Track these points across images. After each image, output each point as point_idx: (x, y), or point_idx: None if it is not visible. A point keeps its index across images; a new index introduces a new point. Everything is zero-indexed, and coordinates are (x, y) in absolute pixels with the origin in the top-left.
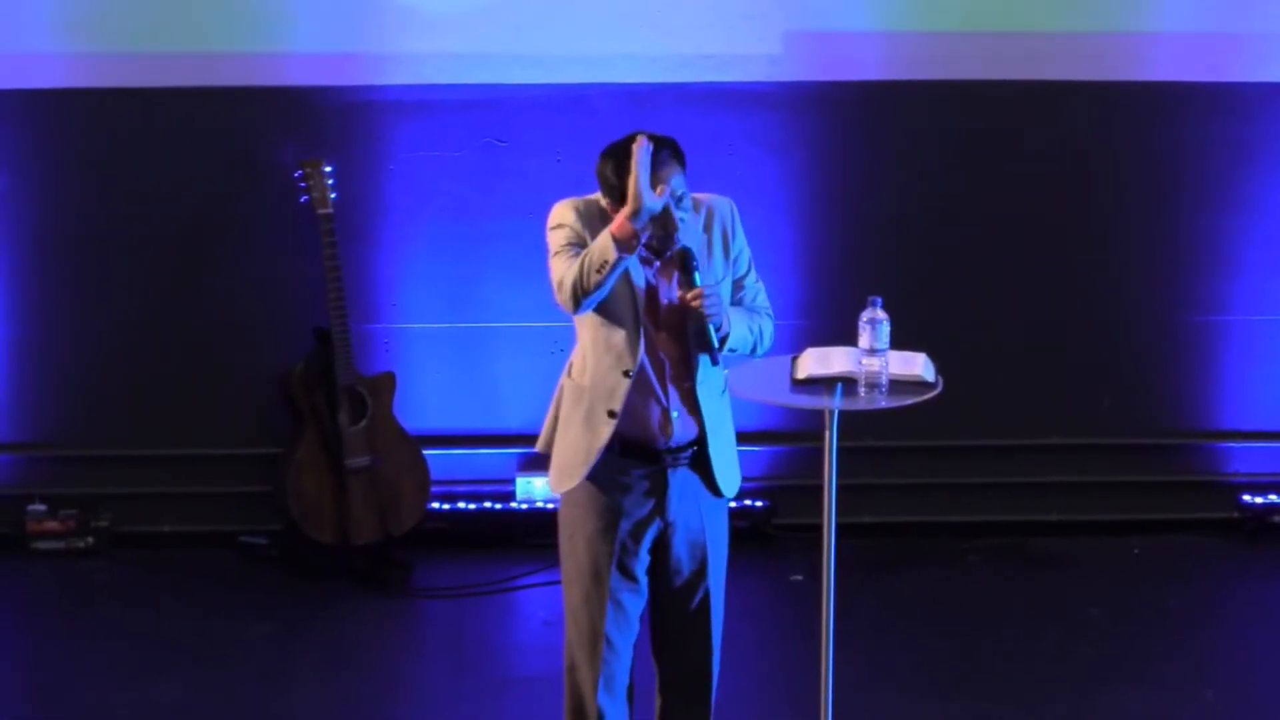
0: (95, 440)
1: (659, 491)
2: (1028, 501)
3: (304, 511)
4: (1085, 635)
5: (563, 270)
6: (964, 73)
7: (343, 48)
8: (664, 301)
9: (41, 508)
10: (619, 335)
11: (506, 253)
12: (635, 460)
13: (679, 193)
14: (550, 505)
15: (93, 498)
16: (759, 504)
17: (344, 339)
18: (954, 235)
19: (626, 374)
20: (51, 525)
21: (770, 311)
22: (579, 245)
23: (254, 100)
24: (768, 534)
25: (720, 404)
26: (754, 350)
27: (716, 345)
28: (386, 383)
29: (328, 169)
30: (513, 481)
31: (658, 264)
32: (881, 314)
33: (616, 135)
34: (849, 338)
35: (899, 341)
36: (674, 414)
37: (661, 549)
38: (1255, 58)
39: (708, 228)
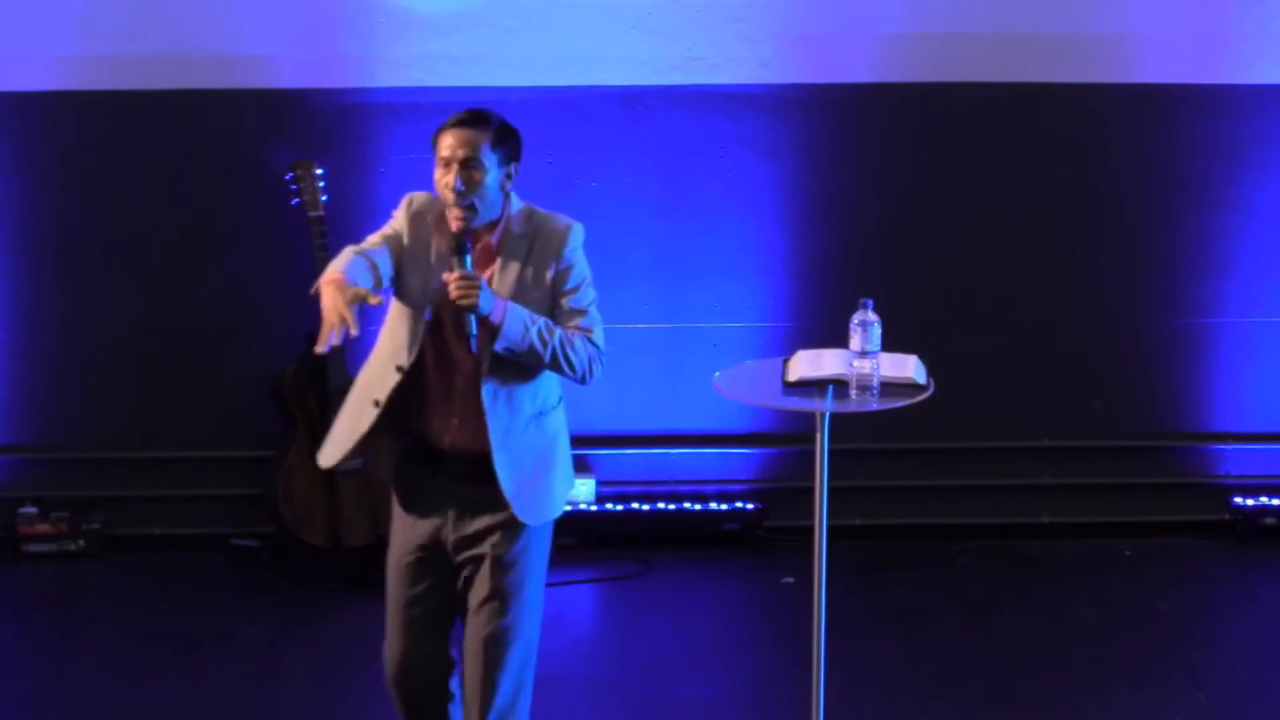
0: (87, 443)
1: (447, 499)
2: (1019, 503)
3: (295, 514)
4: (1076, 637)
5: (351, 251)
6: (954, 75)
7: (334, 50)
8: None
9: (33, 510)
10: (404, 329)
11: None
12: (426, 464)
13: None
14: None
15: (84, 500)
16: (750, 506)
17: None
18: (945, 238)
19: (399, 369)
20: (43, 528)
21: (597, 340)
22: (390, 235)
23: (245, 102)
24: (759, 536)
25: (525, 423)
26: (557, 365)
27: (473, 332)
28: None
29: (319, 171)
30: None
31: (445, 275)
32: (873, 316)
33: (608, 137)
34: (839, 340)
35: (890, 344)
36: (454, 421)
37: (455, 560)
38: (1245, 59)
39: (531, 244)
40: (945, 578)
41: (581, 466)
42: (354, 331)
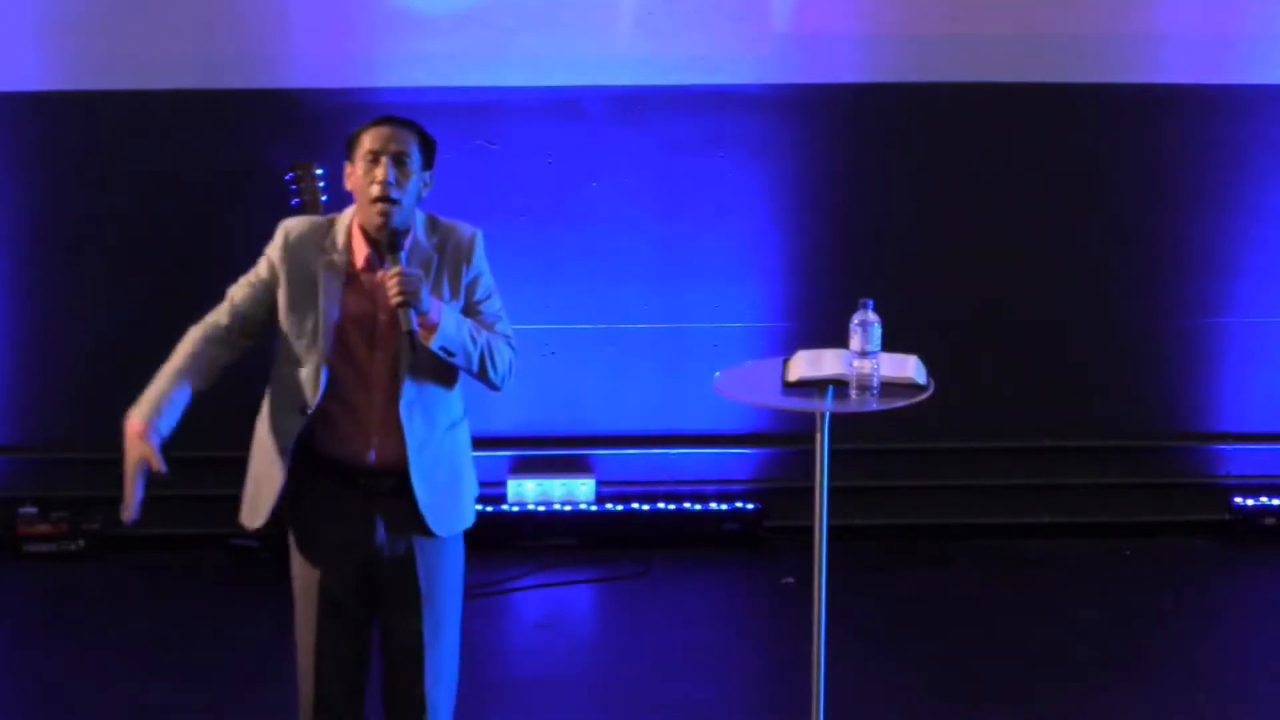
0: (86, 443)
1: (361, 518)
2: (1019, 504)
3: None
4: (1076, 637)
5: (221, 306)
6: (954, 75)
7: (335, 50)
8: (381, 318)
9: (33, 510)
10: (300, 370)
11: (496, 255)
12: (338, 482)
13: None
14: (542, 508)
15: (84, 500)
16: (750, 506)
17: None
18: (945, 237)
19: (303, 411)
20: (43, 528)
21: (513, 343)
22: (256, 285)
23: (245, 102)
24: (759, 536)
25: (439, 433)
26: (484, 368)
27: (414, 328)
28: None
29: (319, 171)
30: (504, 484)
31: (381, 273)
32: (873, 316)
33: (607, 138)
34: (837, 339)
35: (890, 344)
36: (374, 438)
37: (372, 582)
38: (1252, 59)
39: (440, 252)
40: (945, 578)
41: (581, 466)
42: (129, 503)
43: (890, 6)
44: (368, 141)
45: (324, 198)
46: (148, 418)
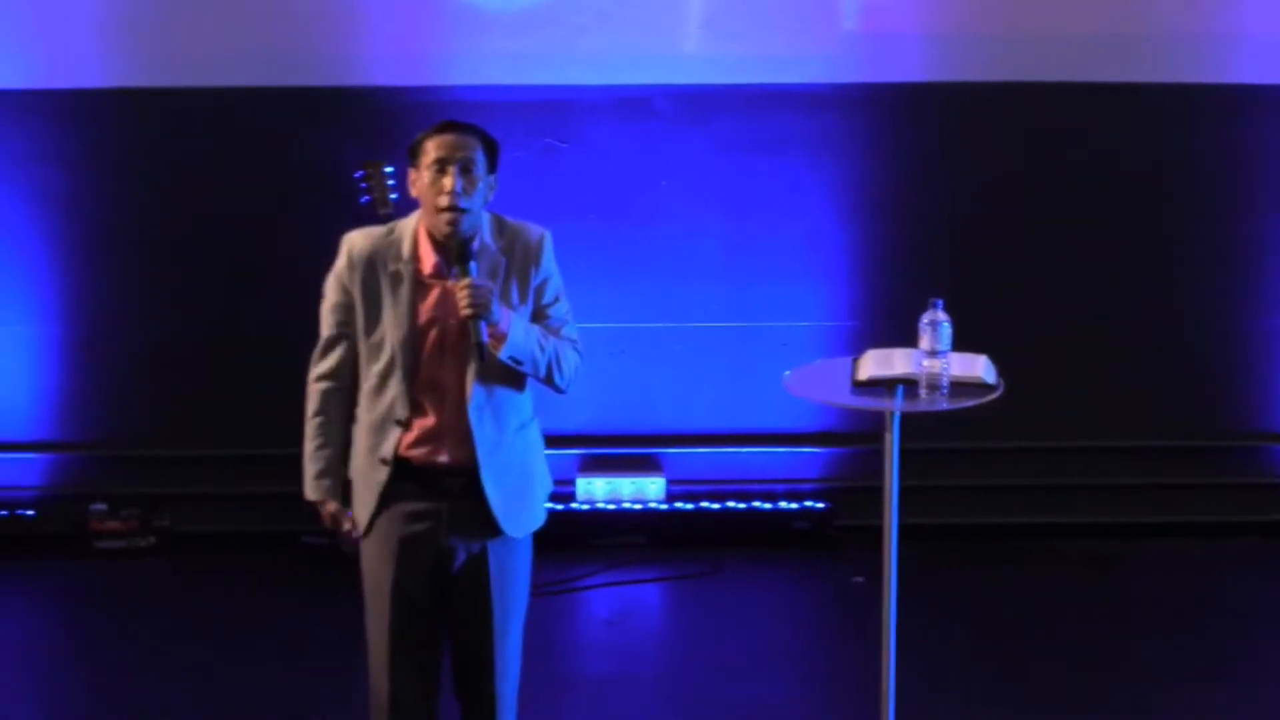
0: (157, 440)
1: (434, 518)
2: (1089, 503)
3: None
4: (1147, 638)
5: (316, 360)
6: (1023, 74)
7: (404, 47)
8: (450, 323)
9: (103, 507)
10: (389, 384)
11: (564, 254)
12: (409, 481)
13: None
14: (612, 506)
15: (154, 497)
16: (819, 505)
17: None
18: (1015, 237)
19: (399, 423)
20: (113, 525)
21: (579, 347)
22: (337, 312)
23: (315, 100)
24: (828, 536)
25: (509, 435)
26: (550, 375)
27: (484, 340)
28: None
29: (388, 170)
30: (573, 482)
31: (453, 278)
32: (942, 315)
33: (676, 137)
34: (904, 339)
35: (960, 343)
36: (446, 442)
37: (445, 580)
38: None
39: (508, 254)
40: (1015, 578)
41: (651, 465)
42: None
43: (957, 5)
44: (433, 149)
45: (393, 196)
46: (328, 495)
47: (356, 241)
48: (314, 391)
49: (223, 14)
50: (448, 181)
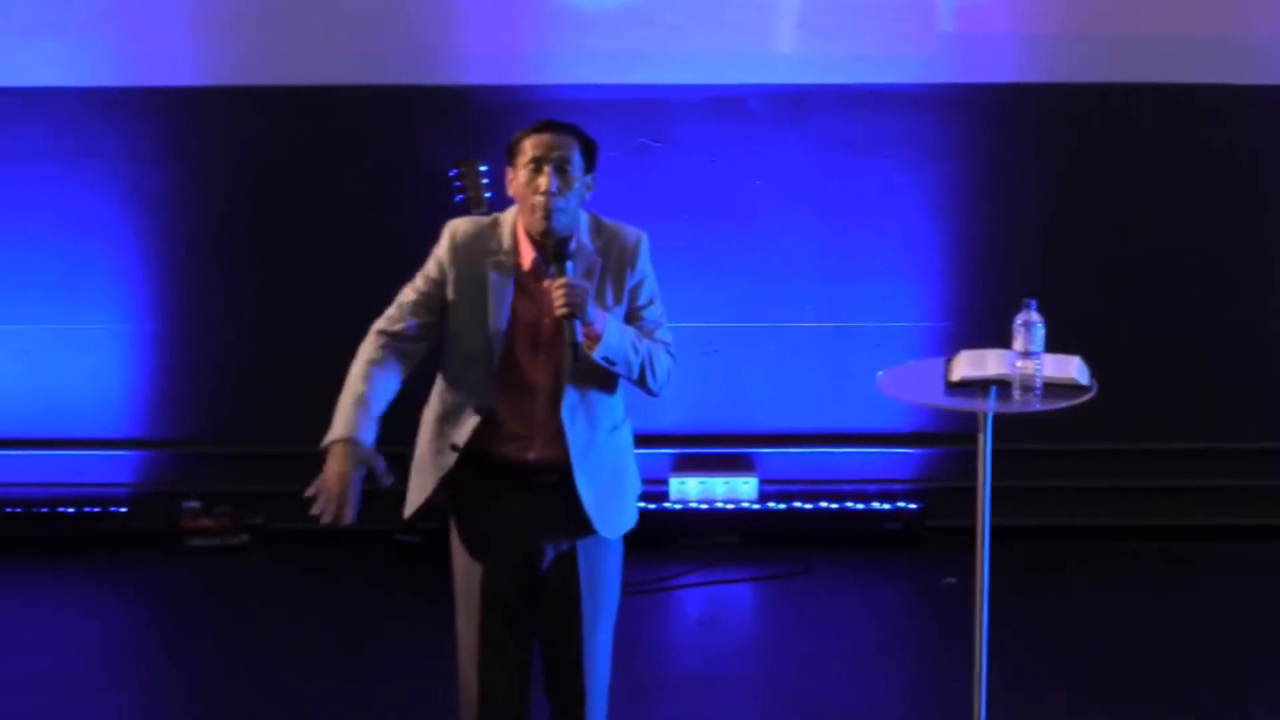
0: (249, 438)
1: (526, 517)
2: (1183, 505)
3: None
4: (1242, 642)
5: (386, 317)
6: (1120, 76)
7: (498, 46)
8: (546, 322)
9: (196, 505)
10: (472, 372)
11: (658, 253)
12: (500, 478)
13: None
14: (705, 506)
15: (247, 495)
16: (913, 506)
17: None
18: (1109, 238)
19: (478, 411)
20: (206, 523)
21: (671, 350)
22: (426, 288)
23: (409, 99)
24: (921, 536)
25: (602, 435)
26: (643, 377)
27: (579, 340)
28: None
29: (483, 169)
30: (666, 482)
31: (550, 277)
32: (1036, 316)
33: (770, 137)
34: (1002, 340)
35: (1053, 344)
36: (536, 441)
37: (533, 577)
38: None
39: (604, 256)
40: (1108, 580)
41: (744, 465)
42: (345, 520)
43: (1054, 6)
44: (530, 148)
45: (488, 195)
46: (352, 430)
47: (461, 226)
48: (372, 342)
49: (317, 13)
50: (543, 181)
